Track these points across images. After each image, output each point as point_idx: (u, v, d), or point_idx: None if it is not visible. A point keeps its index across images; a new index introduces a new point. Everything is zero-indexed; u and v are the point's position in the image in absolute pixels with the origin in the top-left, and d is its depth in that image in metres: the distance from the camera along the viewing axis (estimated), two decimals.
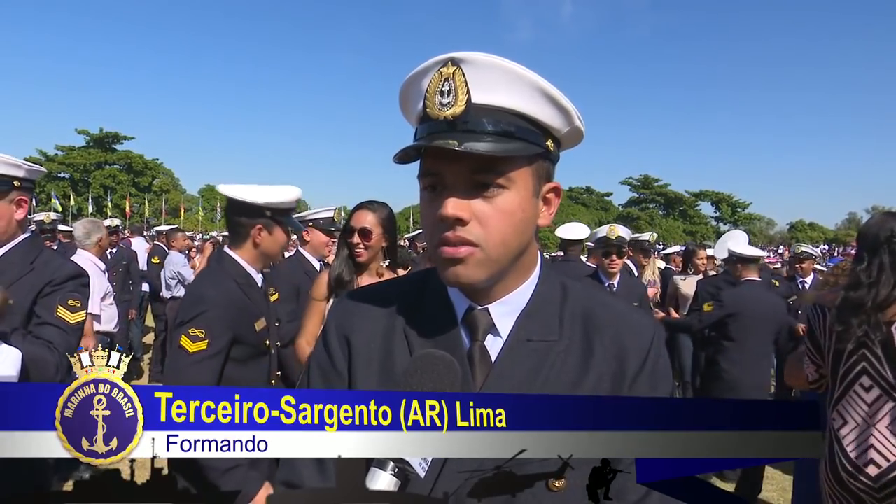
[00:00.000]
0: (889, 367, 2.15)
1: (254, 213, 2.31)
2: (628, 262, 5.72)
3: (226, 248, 2.42)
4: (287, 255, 4.23)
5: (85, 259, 4.85)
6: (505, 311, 0.94)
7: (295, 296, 3.51)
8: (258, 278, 2.40)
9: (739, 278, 4.83)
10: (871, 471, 2.12)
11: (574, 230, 5.37)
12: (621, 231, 4.68)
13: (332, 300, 2.71)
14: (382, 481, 0.72)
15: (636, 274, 6.12)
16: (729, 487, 4.99)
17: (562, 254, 5.78)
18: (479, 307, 0.93)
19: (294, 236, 4.10)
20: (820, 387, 2.50)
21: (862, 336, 2.19)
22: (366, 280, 2.74)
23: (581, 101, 0.89)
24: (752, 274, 4.79)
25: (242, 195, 2.30)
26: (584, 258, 6.88)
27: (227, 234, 2.74)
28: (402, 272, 2.80)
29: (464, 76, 0.83)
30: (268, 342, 2.37)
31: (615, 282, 4.62)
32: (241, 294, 2.26)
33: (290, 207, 2.39)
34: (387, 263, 2.85)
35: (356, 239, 2.70)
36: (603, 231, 4.77)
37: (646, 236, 7.02)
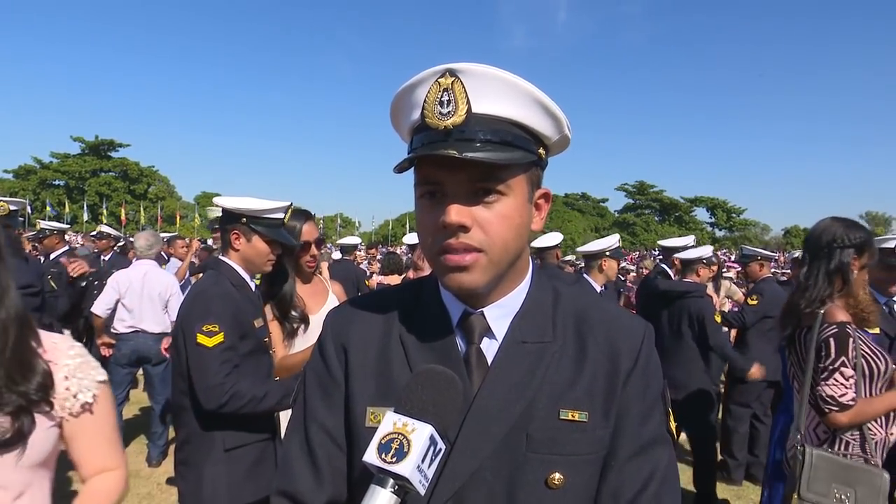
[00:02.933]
0: (802, 371, 2.42)
1: (232, 219, 2.43)
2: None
3: (220, 256, 2.53)
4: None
5: (149, 265, 5.23)
6: (500, 314, 0.95)
7: None
8: (252, 284, 2.48)
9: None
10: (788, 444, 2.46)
11: (548, 238, 5.63)
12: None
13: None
14: (382, 498, 0.73)
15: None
16: (734, 490, 5.01)
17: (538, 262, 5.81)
18: (474, 311, 0.95)
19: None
20: None
21: (791, 335, 2.49)
22: (312, 289, 2.76)
23: (576, 107, 0.93)
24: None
25: (226, 203, 2.43)
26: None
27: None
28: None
29: (463, 86, 0.84)
30: (267, 341, 2.44)
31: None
32: (237, 293, 2.37)
33: (268, 217, 2.42)
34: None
35: (314, 251, 2.72)
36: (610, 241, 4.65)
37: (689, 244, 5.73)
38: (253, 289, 2.48)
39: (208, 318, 2.19)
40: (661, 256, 7.34)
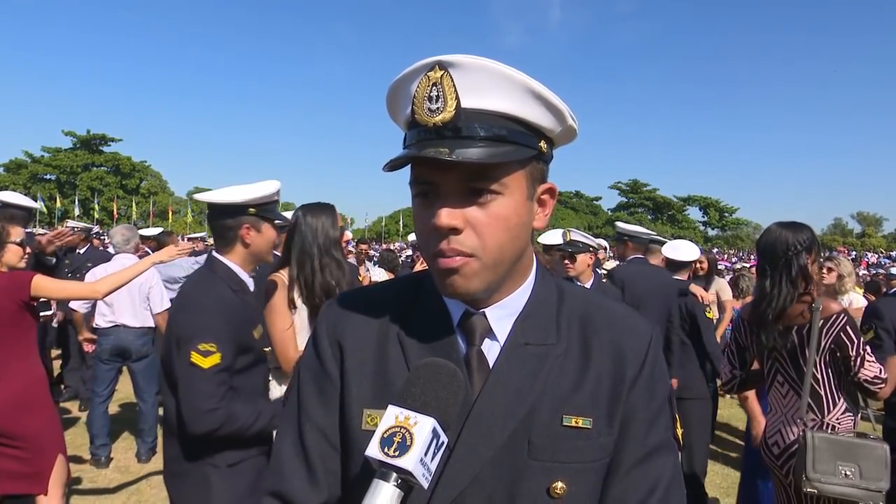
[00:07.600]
0: (793, 366, 2.56)
1: (238, 212, 2.21)
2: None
3: (215, 254, 2.27)
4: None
5: (128, 259, 5.01)
6: (502, 315, 0.91)
7: None
8: (250, 283, 2.30)
9: (625, 257, 4.94)
10: (775, 449, 2.58)
11: (552, 237, 5.72)
12: (575, 235, 4.41)
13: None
14: (386, 492, 0.71)
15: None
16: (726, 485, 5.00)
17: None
18: (476, 311, 0.91)
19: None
20: (731, 388, 2.88)
21: (773, 343, 2.58)
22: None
23: (570, 105, 0.87)
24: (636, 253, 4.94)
25: (223, 198, 2.22)
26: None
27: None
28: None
29: (452, 80, 0.80)
30: (265, 349, 2.29)
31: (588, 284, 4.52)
32: (236, 300, 2.16)
33: (272, 201, 2.30)
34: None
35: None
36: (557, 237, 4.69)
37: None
38: (252, 290, 2.30)
39: (206, 335, 1.98)
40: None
